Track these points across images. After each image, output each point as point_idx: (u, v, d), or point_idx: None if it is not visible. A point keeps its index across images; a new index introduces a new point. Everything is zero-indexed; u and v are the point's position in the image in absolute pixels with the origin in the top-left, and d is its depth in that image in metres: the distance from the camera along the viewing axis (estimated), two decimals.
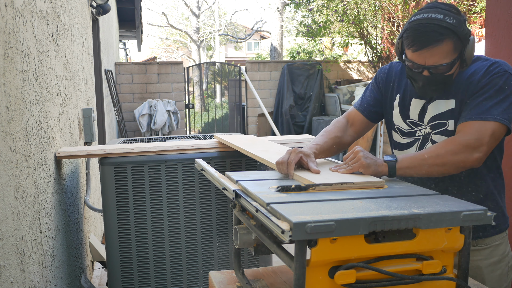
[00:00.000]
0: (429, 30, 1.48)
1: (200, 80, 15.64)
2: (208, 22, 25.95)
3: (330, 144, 1.71)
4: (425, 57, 1.51)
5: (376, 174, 1.47)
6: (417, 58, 1.53)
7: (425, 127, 1.68)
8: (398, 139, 1.78)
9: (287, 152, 1.54)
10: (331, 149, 1.72)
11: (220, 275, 1.56)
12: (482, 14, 5.73)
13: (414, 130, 1.72)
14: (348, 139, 1.81)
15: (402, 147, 1.76)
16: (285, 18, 14.59)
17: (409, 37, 1.52)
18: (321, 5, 8.18)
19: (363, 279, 1.11)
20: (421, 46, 1.50)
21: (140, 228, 2.31)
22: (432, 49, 1.49)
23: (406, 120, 1.73)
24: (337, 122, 1.83)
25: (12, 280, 1.60)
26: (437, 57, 1.50)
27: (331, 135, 1.75)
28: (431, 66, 1.52)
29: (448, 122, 1.63)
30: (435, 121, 1.65)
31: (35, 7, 2.12)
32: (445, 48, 1.49)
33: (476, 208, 1.14)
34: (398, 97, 1.75)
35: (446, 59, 1.51)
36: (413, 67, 1.57)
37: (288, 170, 1.48)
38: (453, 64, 1.52)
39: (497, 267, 1.72)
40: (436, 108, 1.65)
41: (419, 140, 1.70)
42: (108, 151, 2.30)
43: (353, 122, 1.84)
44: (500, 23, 2.57)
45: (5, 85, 1.63)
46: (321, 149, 1.66)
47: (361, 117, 1.84)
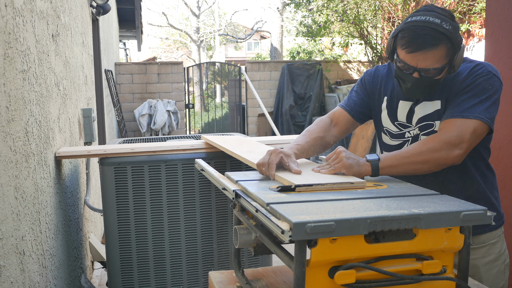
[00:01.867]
0: (426, 33, 1.48)
1: (200, 80, 15.64)
2: (208, 22, 25.95)
3: (311, 144, 1.69)
4: (418, 59, 1.52)
5: (359, 175, 1.46)
6: (410, 59, 1.53)
7: (414, 128, 1.69)
8: (387, 141, 1.79)
9: (268, 153, 1.52)
10: (312, 149, 1.70)
11: (220, 275, 1.56)
12: (482, 14, 5.73)
13: (403, 132, 1.72)
14: (331, 139, 1.79)
15: (392, 149, 1.75)
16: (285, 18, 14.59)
17: (405, 38, 1.52)
18: (321, 5, 8.18)
19: (363, 279, 1.11)
20: (417, 49, 1.50)
21: (140, 228, 2.31)
22: (426, 52, 1.50)
23: (395, 122, 1.73)
24: (320, 122, 1.80)
25: (12, 280, 1.60)
26: (430, 61, 1.51)
27: (313, 135, 1.73)
28: (423, 69, 1.52)
29: (435, 123, 1.65)
30: (422, 122, 1.67)
31: (35, 7, 2.12)
32: (439, 53, 1.50)
33: (476, 208, 1.14)
34: (386, 100, 1.75)
35: (438, 64, 1.52)
36: (404, 68, 1.57)
37: (269, 171, 1.47)
38: (443, 69, 1.53)
39: (494, 265, 1.73)
40: (423, 110, 1.66)
41: (409, 142, 1.71)
42: (108, 151, 2.30)
43: (337, 122, 1.82)
44: (500, 23, 2.57)
45: (5, 85, 1.63)
46: (302, 149, 1.65)
47: (347, 117, 1.82)
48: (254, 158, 1.66)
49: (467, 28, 5.94)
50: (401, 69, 1.58)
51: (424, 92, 1.60)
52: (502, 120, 2.55)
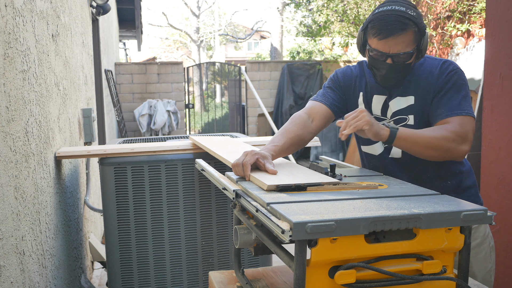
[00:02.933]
0: (395, 20, 1.58)
1: (200, 80, 15.64)
2: (208, 22, 25.95)
3: (289, 144, 1.68)
4: (390, 45, 1.61)
5: (376, 136, 1.52)
6: (382, 46, 1.62)
7: (389, 121, 1.77)
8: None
9: (243, 153, 1.52)
10: (290, 149, 1.70)
11: (220, 275, 1.56)
12: (482, 14, 5.72)
13: None
14: (308, 136, 1.78)
15: (371, 141, 1.82)
16: (285, 18, 14.59)
17: (375, 27, 1.62)
18: (321, 5, 8.18)
19: (363, 279, 1.11)
20: (387, 35, 1.60)
21: (140, 228, 2.31)
22: (396, 37, 1.59)
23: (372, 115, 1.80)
24: (298, 118, 1.78)
25: (12, 280, 1.60)
26: (400, 45, 1.61)
27: (291, 134, 1.71)
28: (395, 54, 1.62)
29: (408, 117, 1.73)
30: (396, 116, 1.75)
31: (35, 7, 2.12)
32: (408, 37, 1.60)
33: (476, 208, 1.14)
34: (362, 95, 1.83)
35: (408, 48, 1.62)
36: (377, 55, 1.65)
37: (244, 172, 1.47)
38: (412, 53, 1.63)
39: (481, 249, 1.78)
40: (397, 104, 1.74)
41: None
42: (108, 151, 2.30)
43: (315, 117, 1.82)
44: (500, 23, 2.57)
45: (5, 85, 1.63)
46: (279, 151, 1.64)
47: (327, 111, 1.83)
48: (233, 159, 1.65)
49: (467, 28, 5.94)
50: (374, 58, 1.67)
51: (398, 78, 1.69)
52: (502, 120, 2.55)
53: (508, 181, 2.55)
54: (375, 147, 1.83)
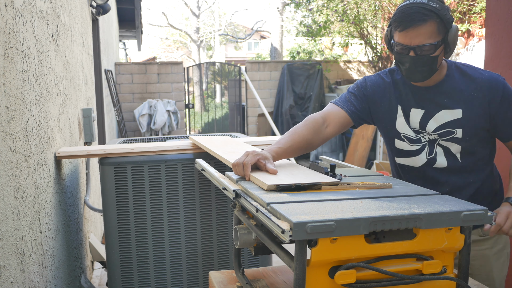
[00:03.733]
0: (414, 11, 1.57)
1: (200, 80, 15.63)
2: (208, 22, 25.95)
3: (295, 147, 1.64)
4: (411, 37, 1.59)
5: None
6: (403, 39, 1.61)
7: (429, 134, 1.73)
8: (405, 147, 1.79)
9: (245, 153, 1.51)
10: (295, 152, 1.65)
11: (220, 275, 1.56)
12: (482, 14, 5.72)
13: (419, 137, 1.75)
14: (318, 141, 1.72)
15: (411, 154, 1.78)
16: (285, 18, 14.58)
17: (397, 20, 1.61)
18: (321, 5, 8.18)
19: (363, 279, 1.11)
20: (407, 26, 1.58)
21: (140, 228, 2.31)
22: (416, 28, 1.57)
23: (411, 128, 1.76)
24: (312, 122, 1.72)
25: (12, 280, 1.60)
26: (422, 37, 1.58)
27: (300, 137, 1.66)
28: (417, 46, 1.59)
29: (456, 130, 1.70)
30: (442, 129, 1.70)
31: (35, 7, 2.12)
32: (429, 29, 1.57)
33: (476, 208, 1.14)
34: (400, 107, 1.77)
35: (430, 39, 1.58)
36: (401, 49, 1.63)
37: (244, 172, 1.45)
38: (437, 46, 1.60)
39: (501, 254, 1.81)
40: (442, 117, 1.70)
41: (426, 146, 1.75)
42: (108, 151, 2.30)
43: (331, 122, 1.76)
44: (500, 23, 2.57)
45: (5, 85, 1.63)
46: (282, 153, 1.60)
47: (346, 119, 1.79)
48: (233, 159, 1.64)
49: (467, 28, 5.94)
50: (398, 52, 1.65)
51: (423, 72, 1.64)
52: None
53: None
54: (415, 160, 1.77)
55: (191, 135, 2.59)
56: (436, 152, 1.73)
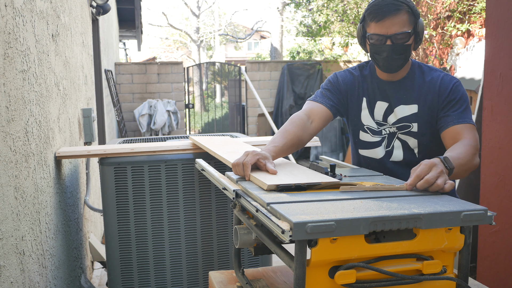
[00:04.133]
0: (388, 3, 1.71)
1: (200, 80, 15.63)
2: (208, 22, 25.95)
3: (289, 145, 1.70)
4: (387, 26, 1.71)
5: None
6: (380, 29, 1.72)
7: (390, 126, 1.84)
8: (367, 139, 1.89)
9: (244, 153, 1.52)
10: (289, 150, 1.72)
11: (220, 275, 1.56)
12: (482, 14, 5.72)
13: (380, 130, 1.87)
14: (307, 137, 1.80)
15: (372, 145, 1.88)
16: (285, 18, 14.58)
17: (372, 13, 1.73)
18: (321, 5, 8.18)
19: (363, 279, 1.11)
20: (383, 16, 1.70)
21: (140, 228, 2.31)
22: (391, 18, 1.69)
23: (374, 120, 1.87)
24: (297, 119, 1.79)
25: (12, 280, 1.60)
26: (397, 26, 1.70)
27: (291, 135, 1.72)
28: (393, 34, 1.71)
29: (412, 124, 1.82)
30: (401, 123, 1.83)
31: (35, 7, 2.12)
32: (403, 17, 1.70)
33: (476, 208, 1.14)
34: (365, 100, 1.89)
35: (405, 28, 1.71)
36: (377, 40, 1.73)
37: (245, 172, 1.46)
38: (410, 34, 1.72)
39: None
40: (401, 112, 1.82)
41: (386, 138, 1.86)
42: (108, 151, 2.30)
43: (314, 118, 1.84)
44: (500, 23, 2.57)
45: (5, 85, 1.63)
46: (279, 151, 1.65)
47: (327, 113, 1.87)
48: (232, 159, 1.65)
49: (467, 28, 5.94)
50: (374, 44, 1.75)
51: (399, 59, 1.75)
52: (502, 120, 2.55)
53: (508, 181, 2.55)
54: (376, 151, 1.87)
55: (191, 135, 2.59)
56: (394, 145, 1.84)
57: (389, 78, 1.85)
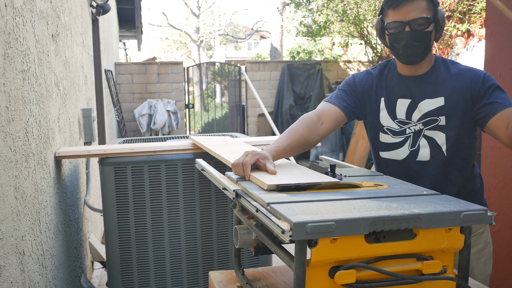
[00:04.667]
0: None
1: (200, 80, 15.63)
2: (208, 22, 25.95)
3: (293, 146, 1.66)
4: (405, 12, 1.66)
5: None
6: (398, 15, 1.68)
7: (415, 124, 1.76)
8: (388, 140, 1.82)
9: (244, 153, 1.51)
10: (294, 151, 1.67)
11: (220, 275, 1.56)
12: (482, 14, 5.72)
13: (403, 129, 1.79)
14: (315, 139, 1.75)
15: (394, 146, 1.81)
16: (285, 18, 14.58)
17: (389, 1, 1.69)
18: (321, 5, 8.18)
19: (363, 279, 1.11)
20: (400, 2, 1.66)
21: (140, 228, 2.31)
22: (410, 3, 1.66)
23: (395, 120, 1.80)
24: (307, 120, 1.75)
25: (12, 280, 1.60)
26: (415, 11, 1.66)
27: (297, 136, 1.68)
28: (412, 20, 1.66)
29: (439, 118, 1.73)
30: (426, 118, 1.74)
31: (35, 7, 2.12)
32: (421, 4, 1.67)
33: (476, 208, 1.14)
34: (383, 100, 1.82)
35: (423, 13, 1.66)
36: (396, 28, 1.69)
37: (244, 172, 1.46)
38: (430, 21, 1.67)
39: (483, 254, 1.83)
40: (426, 106, 1.74)
41: (410, 137, 1.78)
42: (108, 151, 2.30)
43: (326, 119, 1.79)
44: (500, 23, 2.57)
45: (5, 85, 1.63)
46: (282, 152, 1.62)
47: (339, 114, 1.82)
48: (233, 159, 1.64)
49: (467, 28, 5.94)
50: (393, 33, 1.71)
51: (420, 47, 1.69)
52: None
53: (508, 181, 2.55)
54: (398, 152, 1.79)
55: (191, 135, 2.59)
56: (420, 144, 1.75)
57: (411, 72, 1.77)
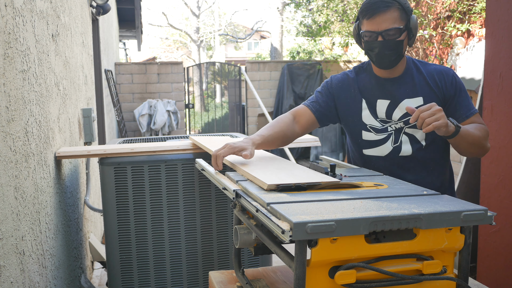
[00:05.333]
0: (378, 0, 1.76)
1: (200, 80, 15.63)
2: (208, 22, 25.94)
3: (274, 137, 1.82)
4: (378, 23, 1.75)
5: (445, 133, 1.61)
6: (371, 25, 1.76)
7: (396, 122, 1.86)
8: (371, 138, 1.90)
9: (223, 145, 1.66)
10: (274, 142, 1.83)
11: (220, 275, 1.56)
12: (482, 14, 5.72)
13: (385, 127, 1.88)
14: (292, 136, 1.91)
15: (377, 143, 1.89)
16: (285, 18, 14.58)
17: (363, 11, 1.78)
18: (321, 5, 8.18)
19: (363, 279, 1.11)
20: (373, 13, 1.75)
21: (140, 228, 2.31)
22: (382, 14, 1.74)
23: (377, 119, 1.88)
24: (284, 118, 1.91)
25: (12, 280, 1.60)
26: (387, 22, 1.75)
27: (277, 129, 1.84)
28: (384, 30, 1.75)
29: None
30: (407, 117, 1.84)
31: (35, 7, 2.12)
32: (393, 15, 1.75)
33: (476, 208, 1.14)
34: (364, 101, 1.90)
35: (395, 24, 1.75)
36: (369, 36, 1.78)
37: (217, 162, 1.62)
38: (401, 30, 1.76)
39: None
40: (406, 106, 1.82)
41: (392, 134, 1.87)
42: (108, 151, 2.30)
43: (299, 120, 1.93)
44: (500, 23, 2.57)
45: (5, 85, 1.63)
46: (264, 141, 1.77)
47: (310, 116, 1.94)
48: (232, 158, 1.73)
49: (467, 28, 5.94)
50: (367, 41, 1.80)
51: (391, 55, 1.78)
52: (502, 120, 2.55)
53: (508, 181, 2.55)
54: (382, 149, 1.88)
55: (191, 135, 2.59)
56: (402, 140, 1.85)
57: (388, 75, 1.87)
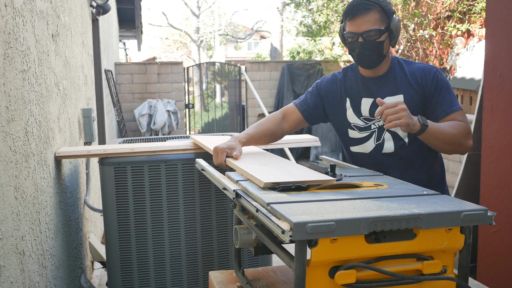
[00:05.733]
0: (359, 3, 1.82)
1: (200, 80, 15.63)
2: (208, 22, 25.95)
3: (260, 135, 1.96)
4: (358, 24, 1.81)
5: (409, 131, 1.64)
6: (352, 27, 1.83)
7: (378, 120, 1.91)
8: (356, 135, 1.96)
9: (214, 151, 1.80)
10: (261, 140, 1.98)
11: (220, 275, 1.56)
12: (482, 14, 5.72)
13: (369, 125, 1.93)
14: (280, 133, 2.04)
15: (361, 141, 1.95)
16: (285, 18, 14.57)
17: (346, 12, 1.84)
18: (321, 5, 8.18)
19: (363, 279, 1.11)
20: (354, 15, 1.81)
21: (140, 228, 2.31)
22: (362, 16, 1.80)
23: (360, 117, 1.94)
24: (273, 116, 2.03)
25: (12, 280, 1.60)
26: (367, 24, 1.80)
27: (264, 127, 1.98)
28: (364, 32, 1.81)
29: None
30: None
31: (35, 7, 2.12)
32: (373, 16, 1.80)
33: (476, 208, 1.14)
34: (348, 100, 1.97)
35: (375, 26, 1.81)
36: (351, 38, 1.84)
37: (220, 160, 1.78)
38: (381, 32, 1.81)
39: None
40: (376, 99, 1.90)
41: (375, 132, 1.92)
42: (108, 151, 2.30)
43: (288, 118, 2.05)
44: (500, 23, 2.57)
45: (5, 85, 1.63)
46: (251, 139, 1.92)
47: (298, 115, 2.04)
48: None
49: (467, 28, 5.94)
50: (350, 42, 1.86)
51: (372, 56, 1.84)
52: (502, 120, 2.55)
53: (508, 181, 2.55)
54: (365, 146, 1.94)
55: (192, 135, 2.59)
56: (384, 138, 1.90)
57: (372, 74, 1.93)
